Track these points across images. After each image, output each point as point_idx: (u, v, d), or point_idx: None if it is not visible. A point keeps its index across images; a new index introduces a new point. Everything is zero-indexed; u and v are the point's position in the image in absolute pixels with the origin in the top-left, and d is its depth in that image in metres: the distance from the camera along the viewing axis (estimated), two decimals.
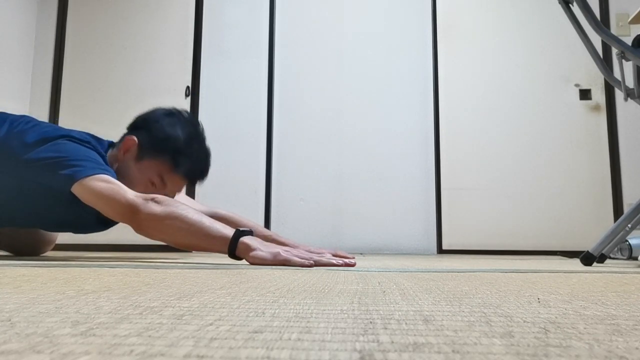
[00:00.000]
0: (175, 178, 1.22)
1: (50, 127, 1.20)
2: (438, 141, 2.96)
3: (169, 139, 1.20)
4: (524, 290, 0.56)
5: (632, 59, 1.33)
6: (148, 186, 1.21)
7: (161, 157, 1.20)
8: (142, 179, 1.20)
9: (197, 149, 1.24)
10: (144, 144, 1.22)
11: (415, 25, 3.10)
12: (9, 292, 0.47)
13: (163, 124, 1.23)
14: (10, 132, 1.16)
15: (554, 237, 2.81)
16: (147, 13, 3.22)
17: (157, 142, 1.21)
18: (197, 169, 1.24)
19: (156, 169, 1.20)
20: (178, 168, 1.20)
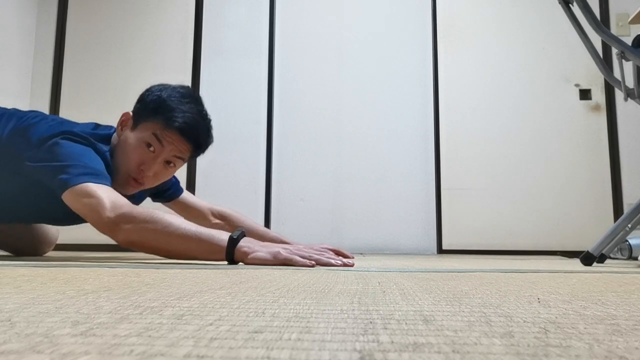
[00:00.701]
0: (169, 134, 1.18)
1: (55, 122, 1.20)
2: (438, 141, 2.96)
3: (159, 98, 1.20)
4: (524, 290, 0.56)
5: (632, 59, 1.33)
6: (145, 151, 1.19)
7: (153, 117, 1.19)
8: (139, 145, 1.19)
9: (189, 106, 1.21)
10: (137, 112, 1.23)
11: (415, 25, 3.10)
12: (9, 292, 0.47)
13: (153, 90, 1.24)
14: (17, 129, 1.17)
15: (554, 237, 2.81)
16: (147, 13, 3.22)
17: (148, 105, 1.21)
18: (190, 122, 1.20)
19: (150, 129, 1.19)
20: (170, 122, 1.18)
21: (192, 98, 1.25)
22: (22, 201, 1.23)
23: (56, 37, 3.24)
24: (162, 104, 1.19)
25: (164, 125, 1.18)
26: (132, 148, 1.19)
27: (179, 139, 1.19)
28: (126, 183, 1.21)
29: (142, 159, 1.19)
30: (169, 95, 1.21)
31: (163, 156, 1.20)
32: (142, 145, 1.19)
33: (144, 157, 1.19)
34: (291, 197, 2.97)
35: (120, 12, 3.23)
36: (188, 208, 1.56)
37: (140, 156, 1.19)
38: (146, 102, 1.22)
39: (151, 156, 1.19)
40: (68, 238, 1.78)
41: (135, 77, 3.10)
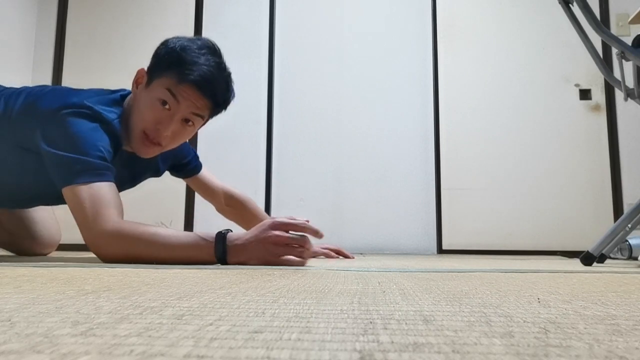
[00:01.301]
0: (184, 89, 1.10)
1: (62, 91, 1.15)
2: (438, 141, 2.96)
3: (173, 51, 1.12)
4: (524, 290, 0.56)
5: (632, 59, 1.33)
6: (160, 109, 1.11)
7: (167, 72, 1.11)
8: (153, 103, 1.11)
9: (206, 58, 1.12)
10: (151, 68, 1.15)
11: (415, 25, 3.10)
12: (9, 292, 0.47)
13: (168, 43, 1.15)
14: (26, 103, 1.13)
15: (554, 237, 2.81)
16: (147, 13, 3.22)
17: (161, 59, 1.13)
18: (208, 77, 1.10)
19: (164, 84, 1.11)
20: (185, 76, 1.09)
21: (209, 49, 1.14)
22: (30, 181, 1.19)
23: (56, 37, 3.24)
24: (177, 57, 1.10)
25: (179, 80, 1.10)
26: (146, 107, 1.12)
27: (195, 94, 1.10)
28: (142, 144, 1.15)
29: (158, 118, 1.11)
30: (184, 47, 1.12)
31: (180, 114, 1.12)
32: (157, 103, 1.11)
33: (160, 116, 1.11)
34: (291, 197, 2.97)
35: (120, 12, 3.23)
36: (204, 186, 1.55)
37: (155, 115, 1.11)
38: (160, 56, 1.14)
39: (167, 114, 1.11)
40: (68, 238, 1.78)
41: None
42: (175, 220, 2.95)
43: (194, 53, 1.11)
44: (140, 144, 1.15)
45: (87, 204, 1.01)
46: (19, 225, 1.51)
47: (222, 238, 1.00)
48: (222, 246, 0.99)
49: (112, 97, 1.17)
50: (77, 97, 1.10)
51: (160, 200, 2.89)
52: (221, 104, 1.17)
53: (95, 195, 1.02)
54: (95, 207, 1.01)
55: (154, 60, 1.15)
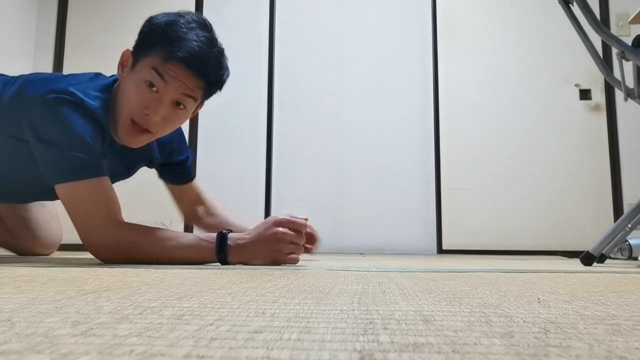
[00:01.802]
0: (172, 67, 1.00)
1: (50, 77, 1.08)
2: (438, 141, 2.96)
3: (157, 26, 1.02)
4: (524, 290, 0.56)
5: (632, 59, 1.33)
6: (147, 92, 1.01)
7: (152, 51, 1.01)
8: (139, 85, 1.01)
9: (195, 33, 1.02)
10: (136, 48, 1.05)
11: (415, 25, 3.10)
12: (9, 292, 0.47)
13: (153, 19, 1.06)
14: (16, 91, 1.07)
15: (554, 237, 2.81)
16: (147, 13, 3.20)
17: (146, 37, 1.03)
18: (197, 53, 1.00)
19: (150, 64, 1.00)
20: (172, 53, 0.99)
21: (198, 23, 1.04)
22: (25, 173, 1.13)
23: (56, 37, 3.24)
24: (162, 33, 1.01)
25: (165, 58, 0.99)
26: (132, 90, 1.02)
27: (184, 73, 1.00)
28: (130, 133, 1.05)
29: (145, 102, 1.01)
30: (170, 22, 1.02)
31: (169, 95, 1.01)
32: (143, 85, 1.01)
33: (147, 100, 1.01)
34: (291, 197, 2.97)
35: (120, 12, 3.23)
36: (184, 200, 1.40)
37: (142, 99, 1.01)
38: (144, 33, 1.04)
39: (155, 97, 1.01)
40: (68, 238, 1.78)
41: None
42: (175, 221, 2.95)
43: (182, 28, 1.01)
44: (127, 133, 1.05)
45: (84, 203, 1.00)
46: (21, 226, 1.51)
47: (223, 238, 1.00)
48: (223, 246, 0.99)
49: (102, 83, 1.09)
50: (64, 82, 1.03)
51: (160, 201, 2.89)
52: (214, 83, 1.07)
53: (91, 194, 1.00)
54: (92, 207, 1.00)
55: (139, 39, 1.05)
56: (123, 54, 1.08)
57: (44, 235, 1.54)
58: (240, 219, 1.53)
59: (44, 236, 1.54)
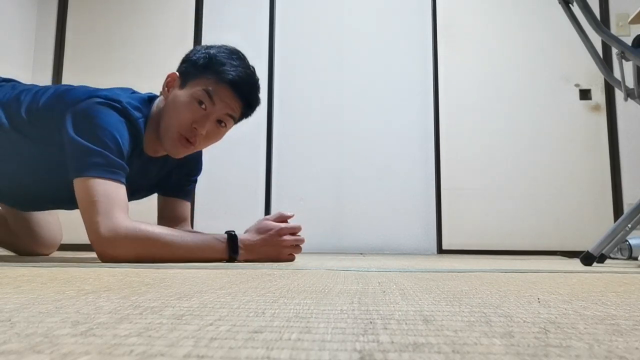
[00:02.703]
0: (221, 89, 1.14)
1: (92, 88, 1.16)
2: (438, 141, 2.96)
3: (208, 55, 1.16)
4: (524, 290, 0.56)
5: (632, 59, 1.33)
6: (197, 108, 1.13)
7: (203, 73, 1.15)
8: (190, 102, 1.13)
9: (238, 62, 1.19)
10: (185, 71, 1.18)
11: (415, 25, 3.10)
12: (9, 292, 0.47)
13: (199, 49, 1.20)
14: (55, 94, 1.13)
15: (554, 237, 2.81)
16: (147, 13, 3.22)
17: (196, 62, 1.16)
18: (243, 76, 1.17)
19: (201, 85, 1.14)
20: (223, 76, 1.14)
21: (239, 55, 1.22)
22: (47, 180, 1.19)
23: (56, 37, 3.24)
24: (212, 60, 1.15)
25: (216, 80, 1.14)
26: (183, 106, 1.14)
27: (231, 95, 1.15)
28: (176, 144, 1.16)
29: (194, 117, 1.13)
30: (218, 51, 1.18)
31: (216, 114, 1.15)
32: (194, 102, 1.13)
33: (197, 115, 1.13)
34: (291, 197, 2.97)
35: (120, 12, 3.23)
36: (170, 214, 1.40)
37: (192, 114, 1.13)
38: (194, 60, 1.18)
39: (203, 114, 1.14)
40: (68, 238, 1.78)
41: (135, 77, 3.10)
42: None
43: (228, 57, 1.17)
44: (174, 143, 1.16)
45: (100, 200, 1.02)
46: (23, 226, 1.51)
47: (234, 238, 1.12)
48: (234, 246, 1.11)
49: (142, 97, 1.20)
50: (108, 91, 1.13)
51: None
52: (251, 107, 1.22)
53: (109, 193, 1.03)
54: (108, 205, 1.02)
55: (188, 64, 1.18)
56: (170, 76, 1.21)
57: (45, 235, 1.55)
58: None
59: (45, 236, 1.55)
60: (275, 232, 1.16)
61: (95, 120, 1.06)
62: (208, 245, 1.10)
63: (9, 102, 1.16)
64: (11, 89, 1.21)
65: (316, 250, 2.83)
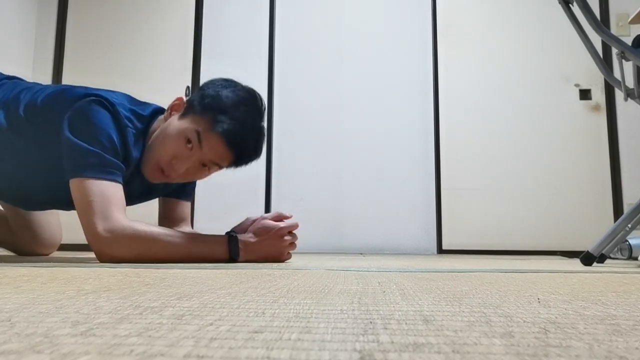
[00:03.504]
0: (212, 136, 1.08)
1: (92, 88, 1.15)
2: (438, 141, 2.96)
3: (216, 95, 1.11)
4: (524, 290, 0.56)
5: (632, 59, 1.33)
6: (182, 146, 1.09)
7: (203, 113, 1.10)
8: (178, 137, 1.10)
9: (243, 113, 1.11)
10: (191, 101, 1.14)
11: (415, 25, 3.10)
12: (9, 292, 0.47)
13: (217, 83, 1.16)
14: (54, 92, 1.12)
15: (554, 237, 2.81)
16: (147, 13, 3.22)
17: (203, 99, 1.12)
18: (237, 132, 1.10)
19: (195, 124, 1.09)
20: (216, 125, 1.08)
21: (251, 106, 1.14)
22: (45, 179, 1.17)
23: (56, 37, 3.24)
24: (217, 102, 1.10)
25: (210, 126, 1.09)
26: (170, 137, 1.11)
27: (220, 145, 1.10)
28: (153, 171, 1.14)
29: (176, 153, 1.10)
30: (227, 95, 1.12)
31: (199, 157, 1.11)
32: (182, 138, 1.10)
33: (179, 152, 1.10)
34: (291, 197, 2.97)
35: (120, 12, 3.23)
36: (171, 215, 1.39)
37: (175, 149, 1.10)
38: (203, 94, 1.14)
39: (187, 153, 1.10)
40: (68, 238, 1.78)
41: (135, 77, 3.10)
42: None
43: (234, 104, 1.11)
44: (149, 169, 1.14)
45: (96, 200, 1.01)
46: (23, 225, 1.51)
47: (234, 238, 1.11)
48: (235, 246, 1.10)
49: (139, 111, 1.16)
50: (106, 92, 1.11)
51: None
52: (242, 162, 1.16)
53: (106, 192, 1.02)
54: (104, 205, 1.01)
55: (196, 95, 1.14)
56: (178, 99, 1.17)
57: (45, 235, 1.54)
58: None
59: (45, 236, 1.54)
60: (276, 233, 1.16)
61: (89, 120, 1.04)
62: (208, 246, 1.10)
63: (9, 102, 1.15)
64: (12, 88, 1.20)
65: (316, 250, 2.83)
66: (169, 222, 1.36)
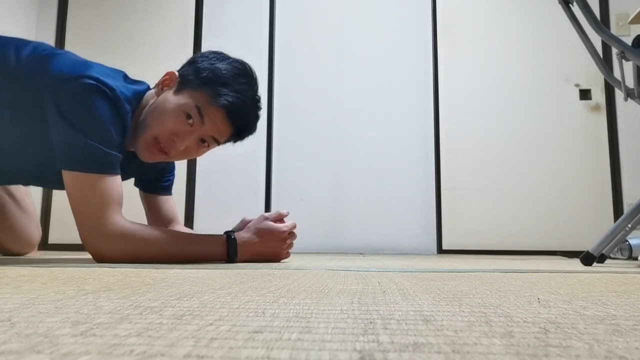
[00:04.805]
0: (213, 110, 1.05)
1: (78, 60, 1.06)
2: (438, 141, 2.96)
3: (214, 69, 1.07)
4: (524, 290, 0.56)
5: (632, 59, 1.33)
6: (183, 121, 1.06)
7: (201, 88, 1.06)
8: (177, 113, 1.05)
9: (243, 85, 1.09)
10: (185, 76, 1.09)
11: (415, 25, 3.10)
12: (9, 292, 0.47)
13: (209, 56, 1.11)
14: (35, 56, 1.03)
15: (554, 237, 2.81)
16: (147, 13, 3.22)
17: (199, 72, 1.07)
18: (240, 104, 1.07)
19: (194, 99, 1.05)
20: (218, 98, 1.05)
21: (249, 78, 1.13)
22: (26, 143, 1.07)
23: (56, 37, 3.24)
24: (215, 76, 1.07)
25: (211, 100, 1.05)
26: (169, 114, 1.06)
27: (222, 119, 1.07)
28: (150, 149, 1.09)
29: (176, 129, 1.06)
30: (225, 68, 1.09)
31: (200, 132, 1.07)
32: (181, 114, 1.06)
33: (180, 128, 1.06)
34: (291, 197, 2.97)
35: (120, 12, 3.23)
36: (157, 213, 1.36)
37: (175, 125, 1.06)
38: (198, 67, 1.09)
39: (187, 129, 1.06)
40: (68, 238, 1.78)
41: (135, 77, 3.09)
42: None
43: (234, 77, 1.08)
44: (146, 147, 1.09)
45: (94, 200, 0.99)
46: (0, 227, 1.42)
47: (232, 238, 1.10)
48: (233, 246, 1.09)
49: (134, 88, 1.11)
50: (99, 72, 1.02)
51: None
52: (242, 135, 1.14)
53: (104, 191, 0.99)
54: (102, 204, 0.99)
55: (190, 69, 1.10)
56: (169, 74, 1.12)
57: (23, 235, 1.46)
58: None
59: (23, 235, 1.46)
60: (278, 235, 1.15)
61: (89, 110, 0.98)
62: (205, 246, 1.09)
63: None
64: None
65: (316, 250, 2.83)
66: (159, 222, 1.34)
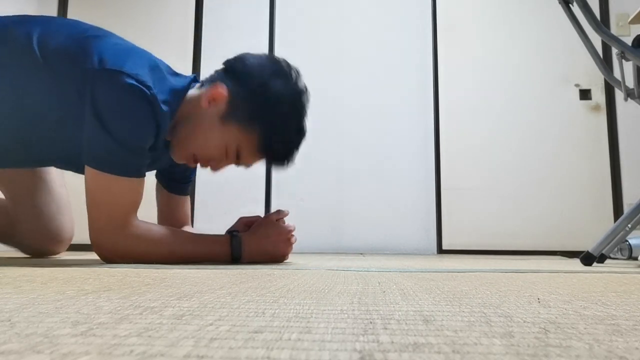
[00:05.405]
0: (255, 155, 1.06)
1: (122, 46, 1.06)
2: (438, 141, 2.96)
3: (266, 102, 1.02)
4: (524, 290, 0.56)
5: (632, 59, 1.33)
6: (221, 152, 1.06)
7: (250, 131, 1.03)
8: (218, 145, 1.05)
9: (294, 130, 1.06)
10: (235, 102, 1.04)
11: (415, 25, 3.10)
12: (9, 292, 0.47)
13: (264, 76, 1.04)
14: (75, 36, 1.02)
15: (554, 237, 2.81)
16: (147, 13, 3.22)
17: (252, 110, 1.03)
18: (284, 153, 1.07)
19: (238, 140, 1.04)
20: (265, 148, 1.04)
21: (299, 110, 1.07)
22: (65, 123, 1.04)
23: None
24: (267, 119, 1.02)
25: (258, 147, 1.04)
26: (211, 141, 1.05)
27: (260, 159, 1.10)
28: (186, 159, 1.10)
29: (213, 157, 1.07)
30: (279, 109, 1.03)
31: (233, 162, 1.10)
32: (221, 147, 1.05)
33: (217, 157, 1.07)
34: (291, 197, 2.97)
35: (120, 13, 3.23)
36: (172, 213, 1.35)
37: (213, 155, 1.07)
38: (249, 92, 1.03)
39: (223, 160, 1.08)
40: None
41: None
42: None
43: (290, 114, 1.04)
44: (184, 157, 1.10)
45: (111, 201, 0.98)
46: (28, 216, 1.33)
47: (237, 238, 1.09)
48: (237, 246, 1.09)
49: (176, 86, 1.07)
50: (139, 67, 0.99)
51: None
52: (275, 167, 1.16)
53: (122, 195, 0.99)
54: (118, 208, 0.99)
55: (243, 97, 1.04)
56: (220, 94, 1.05)
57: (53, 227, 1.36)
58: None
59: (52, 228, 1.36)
60: (284, 234, 1.15)
61: (120, 108, 0.95)
62: (210, 246, 1.09)
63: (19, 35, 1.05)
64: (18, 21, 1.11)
65: (316, 250, 2.83)
66: (171, 221, 1.33)
